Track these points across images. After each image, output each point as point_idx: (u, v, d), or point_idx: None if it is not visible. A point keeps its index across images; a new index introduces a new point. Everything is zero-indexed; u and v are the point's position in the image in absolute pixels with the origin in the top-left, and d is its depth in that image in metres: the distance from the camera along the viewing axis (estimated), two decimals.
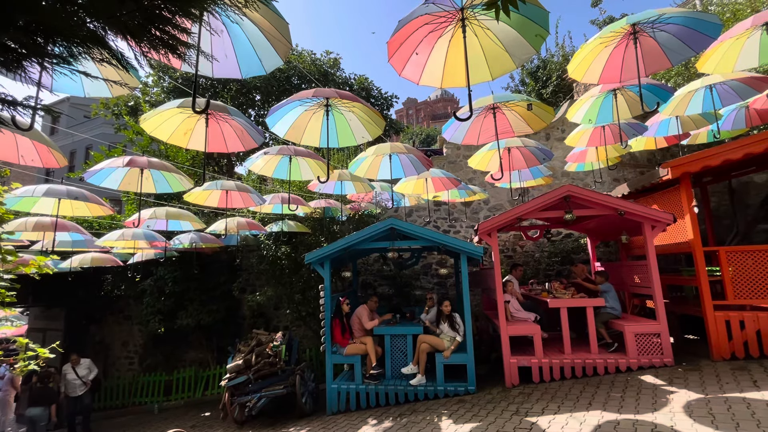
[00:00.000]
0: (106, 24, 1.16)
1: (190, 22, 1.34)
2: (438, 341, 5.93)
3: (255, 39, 3.15)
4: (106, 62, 1.22)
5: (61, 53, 1.25)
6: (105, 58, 1.22)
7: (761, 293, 5.37)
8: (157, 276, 10.39)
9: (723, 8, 9.63)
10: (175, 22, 1.20)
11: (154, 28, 1.19)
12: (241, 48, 3.20)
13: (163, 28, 1.21)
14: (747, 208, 8.45)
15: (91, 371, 8.45)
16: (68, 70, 1.25)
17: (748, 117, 6.10)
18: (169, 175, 5.64)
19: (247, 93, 15.70)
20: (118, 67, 1.28)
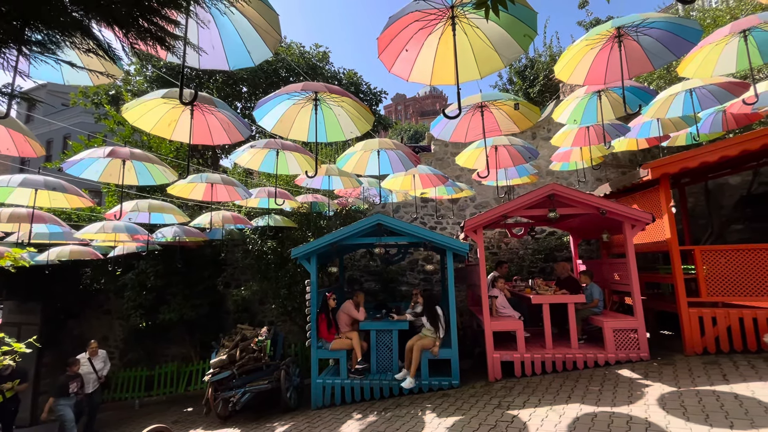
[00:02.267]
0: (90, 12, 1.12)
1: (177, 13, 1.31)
2: (428, 342, 5.96)
3: (244, 30, 3.10)
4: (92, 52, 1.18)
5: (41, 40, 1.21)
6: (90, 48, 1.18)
7: (732, 291, 5.59)
8: (139, 270, 10.18)
9: (704, 14, 9.90)
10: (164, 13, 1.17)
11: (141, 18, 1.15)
12: (229, 39, 3.14)
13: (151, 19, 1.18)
14: (721, 208, 8.76)
15: (106, 365, 7.65)
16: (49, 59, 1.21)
17: (725, 121, 6.31)
18: (152, 166, 5.52)
19: (233, 85, 15.43)
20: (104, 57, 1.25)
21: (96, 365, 7.35)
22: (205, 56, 3.19)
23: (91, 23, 1.16)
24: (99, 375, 7.34)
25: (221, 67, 3.31)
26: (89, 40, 1.17)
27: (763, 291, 5.45)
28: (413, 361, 5.88)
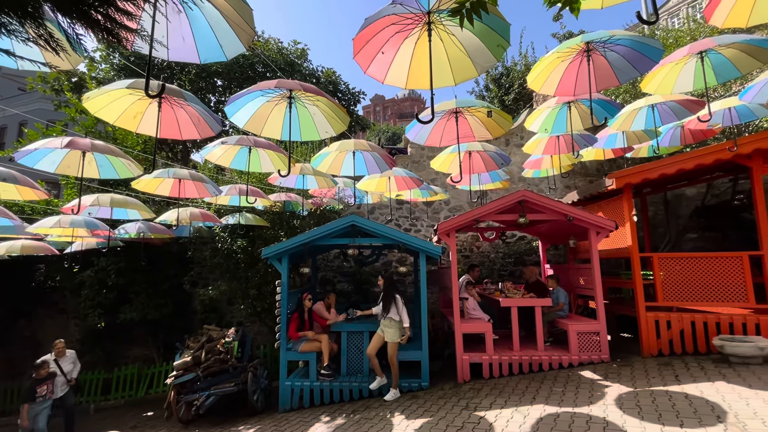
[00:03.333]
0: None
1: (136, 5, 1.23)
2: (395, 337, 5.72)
3: (216, 23, 3.00)
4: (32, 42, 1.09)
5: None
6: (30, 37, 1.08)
7: (686, 296, 5.92)
8: (99, 267, 9.67)
9: (667, 34, 10.47)
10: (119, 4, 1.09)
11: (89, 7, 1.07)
12: (200, 32, 3.03)
13: (98, 8, 1.09)
14: (679, 218, 9.28)
15: (76, 366, 6.90)
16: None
17: (683, 135, 6.69)
18: (116, 159, 5.26)
19: (207, 78, 14.96)
20: (45, 48, 1.15)
21: (64, 367, 6.66)
22: (175, 47, 3.07)
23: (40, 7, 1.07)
24: (68, 377, 6.65)
25: (192, 60, 3.19)
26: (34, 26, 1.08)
27: (713, 296, 5.80)
28: (395, 372, 5.64)
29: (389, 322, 5.67)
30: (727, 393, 4.21)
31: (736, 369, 4.86)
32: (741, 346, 5.02)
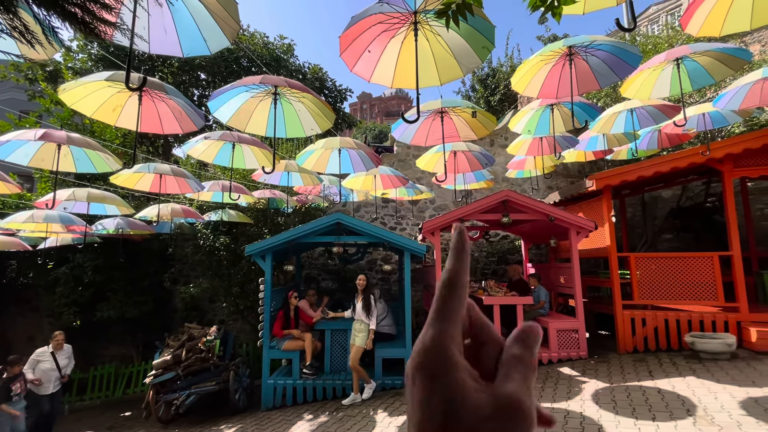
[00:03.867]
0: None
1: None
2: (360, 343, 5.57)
3: (199, 17, 2.95)
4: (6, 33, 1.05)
5: None
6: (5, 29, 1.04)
7: (661, 295, 6.13)
8: (75, 263, 9.37)
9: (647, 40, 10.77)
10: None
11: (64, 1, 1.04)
12: (183, 24, 2.97)
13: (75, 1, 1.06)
14: (655, 219, 9.59)
15: (71, 362, 6.41)
16: None
17: (660, 139, 6.91)
18: (93, 153, 5.11)
19: (190, 71, 14.63)
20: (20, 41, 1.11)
21: (60, 361, 6.14)
22: (156, 40, 3.00)
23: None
24: (63, 373, 6.16)
25: (174, 53, 3.12)
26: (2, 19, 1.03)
27: (685, 295, 6.03)
28: (355, 378, 5.56)
29: (362, 326, 5.59)
30: (696, 387, 4.39)
31: (705, 365, 5.07)
32: (710, 342, 5.23)
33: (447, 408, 0.25)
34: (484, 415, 0.25)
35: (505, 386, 0.27)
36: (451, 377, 0.26)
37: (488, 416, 0.25)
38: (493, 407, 0.25)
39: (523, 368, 0.28)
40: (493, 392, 0.26)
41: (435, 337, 0.27)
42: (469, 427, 0.25)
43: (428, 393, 0.26)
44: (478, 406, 0.25)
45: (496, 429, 0.25)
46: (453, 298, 0.29)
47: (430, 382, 0.26)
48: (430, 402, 0.25)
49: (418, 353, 0.27)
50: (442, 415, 0.25)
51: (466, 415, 0.25)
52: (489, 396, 0.26)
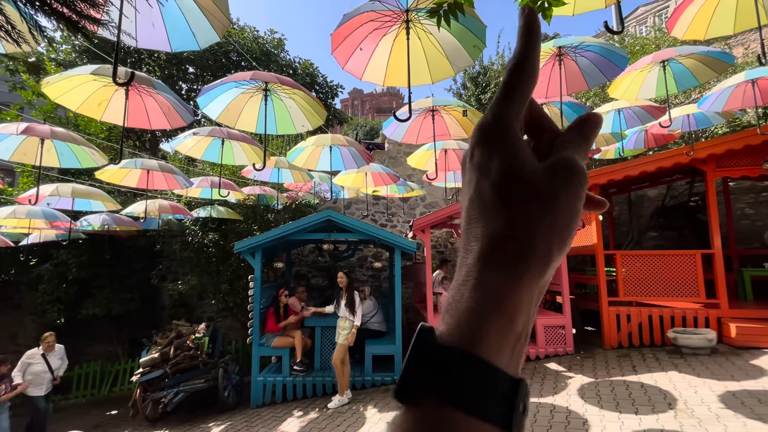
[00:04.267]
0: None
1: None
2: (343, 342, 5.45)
3: (188, 10, 2.90)
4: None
5: None
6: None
7: (645, 291, 6.27)
8: (59, 260, 9.19)
9: (635, 41, 10.94)
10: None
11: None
12: (171, 19, 2.92)
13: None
14: (641, 217, 9.78)
15: (64, 362, 6.19)
16: None
17: (646, 139, 7.04)
18: (78, 148, 5.00)
19: (178, 65, 14.39)
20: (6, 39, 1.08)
21: (52, 363, 5.89)
22: (144, 34, 2.94)
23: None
24: (55, 374, 5.93)
25: (162, 48, 3.07)
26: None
27: (669, 292, 6.17)
28: (339, 377, 5.42)
29: (347, 323, 5.49)
30: (678, 381, 4.51)
31: (687, 359, 5.21)
32: (692, 338, 5.38)
33: (506, 169, 0.26)
34: (542, 174, 0.26)
35: (560, 153, 0.28)
36: (511, 144, 0.27)
37: (545, 174, 0.26)
38: (550, 169, 0.27)
39: (576, 146, 0.29)
40: (549, 161, 0.27)
41: (497, 114, 0.28)
42: (526, 184, 0.26)
43: (488, 157, 0.27)
44: (535, 170, 0.26)
45: (553, 184, 0.26)
46: (521, 81, 0.28)
47: (489, 148, 0.27)
48: (489, 165, 0.27)
49: (478, 129, 0.28)
50: (501, 175, 0.26)
51: (524, 175, 0.26)
52: (545, 164, 0.27)
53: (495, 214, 0.26)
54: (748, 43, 10.86)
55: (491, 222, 0.26)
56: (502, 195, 0.26)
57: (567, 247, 0.26)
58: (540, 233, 0.25)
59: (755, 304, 6.41)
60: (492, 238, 0.25)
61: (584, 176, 0.27)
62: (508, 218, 0.25)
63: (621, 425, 3.67)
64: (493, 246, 0.25)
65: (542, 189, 0.26)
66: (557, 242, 0.26)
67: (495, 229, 0.26)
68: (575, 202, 0.27)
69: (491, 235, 0.25)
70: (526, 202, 0.26)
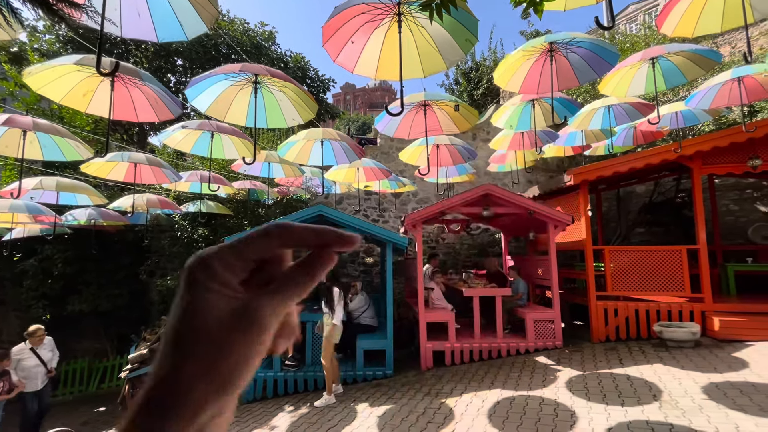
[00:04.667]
0: None
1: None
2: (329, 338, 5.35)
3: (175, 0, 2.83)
4: None
5: None
6: None
7: (632, 286, 6.38)
8: (44, 255, 9.01)
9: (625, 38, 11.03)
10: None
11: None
12: (157, 8, 2.85)
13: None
14: (629, 213, 9.92)
15: (55, 354, 6.06)
16: None
17: (635, 136, 7.12)
18: (62, 140, 4.88)
19: (166, 56, 14.12)
20: None
21: (43, 356, 5.78)
22: (129, 23, 2.87)
23: None
24: (48, 367, 5.83)
25: (148, 38, 3.00)
26: None
27: (655, 286, 6.29)
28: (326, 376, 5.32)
29: (329, 320, 5.40)
30: (663, 374, 4.61)
31: (672, 352, 5.33)
32: (676, 331, 5.49)
33: (189, 308, 0.27)
34: (221, 317, 0.27)
35: (257, 296, 0.29)
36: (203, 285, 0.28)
37: (224, 319, 0.27)
38: (231, 312, 0.28)
39: (285, 285, 0.30)
40: (243, 299, 0.28)
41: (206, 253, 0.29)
42: (205, 327, 0.27)
43: (180, 295, 0.28)
44: (219, 310, 0.27)
45: (225, 331, 0.27)
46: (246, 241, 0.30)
47: (186, 287, 0.28)
48: (179, 302, 0.28)
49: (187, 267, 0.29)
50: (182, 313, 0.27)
51: (204, 317, 0.27)
52: (237, 303, 0.28)
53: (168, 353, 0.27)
54: (735, 42, 11.02)
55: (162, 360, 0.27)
56: (178, 335, 0.27)
57: (235, 388, 0.28)
58: (198, 382, 0.26)
59: (738, 298, 6.57)
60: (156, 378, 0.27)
61: (261, 329, 0.28)
62: (175, 362, 0.27)
63: (608, 417, 3.73)
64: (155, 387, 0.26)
65: (215, 335, 0.27)
66: (217, 389, 0.27)
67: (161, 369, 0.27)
68: (247, 349, 0.27)
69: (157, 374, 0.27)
70: (195, 346, 0.27)
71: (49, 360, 5.92)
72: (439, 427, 3.98)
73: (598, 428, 3.56)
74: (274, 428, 4.73)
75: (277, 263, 0.31)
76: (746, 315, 5.71)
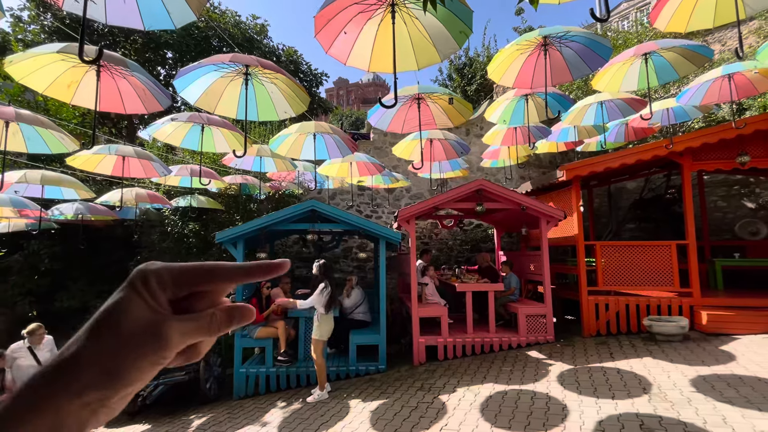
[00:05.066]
0: None
1: None
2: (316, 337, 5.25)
3: None
4: None
5: None
6: None
7: (623, 281, 6.44)
8: (29, 251, 8.83)
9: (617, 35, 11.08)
10: None
11: None
12: None
13: None
14: (619, 209, 10.02)
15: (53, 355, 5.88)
16: None
17: (627, 133, 7.17)
18: (46, 132, 4.75)
19: (156, 49, 13.85)
20: None
21: (41, 356, 5.43)
22: (114, 9, 2.78)
23: None
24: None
25: (134, 25, 2.91)
26: None
27: (645, 281, 6.36)
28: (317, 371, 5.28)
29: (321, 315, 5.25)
30: (652, 367, 4.66)
31: (661, 346, 5.40)
32: (666, 325, 5.56)
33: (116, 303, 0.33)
34: (137, 320, 0.32)
35: (173, 319, 0.33)
36: (136, 290, 0.33)
37: (139, 323, 0.32)
38: (147, 321, 0.32)
39: (205, 324, 0.35)
40: (161, 316, 0.32)
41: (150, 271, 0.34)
42: (120, 321, 0.32)
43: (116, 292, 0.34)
44: (138, 315, 0.32)
45: (134, 333, 0.31)
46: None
47: (124, 286, 0.34)
48: (112, 296, 0.34)
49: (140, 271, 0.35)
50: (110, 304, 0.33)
51: (125, 314, 0.32)
52: (156, 316, 0.32)
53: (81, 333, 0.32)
54: (725, 41, 11.14)
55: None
56: (96, 320, 0.32)
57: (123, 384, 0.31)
58: (93, 364, 0.31)
59: (725, 292, 6.68)
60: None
61: (166, 345, 0.32)
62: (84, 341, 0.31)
63: (598, 410, 3.77)
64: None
65: (125, 332, 0.31)
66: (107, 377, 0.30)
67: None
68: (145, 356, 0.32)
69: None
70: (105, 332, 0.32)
71: (46, 361, 5.64)
72: (431, 422, 3.98)
73: (588, 421, 3.59)
74: (266, 424, 4.70)
75: (208, 297, 0.37)
76: (733, 309, 5.81)
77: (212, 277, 0.36)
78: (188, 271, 0.34)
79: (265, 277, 0.37)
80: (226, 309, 0.37)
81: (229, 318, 0.36)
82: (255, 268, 0.37)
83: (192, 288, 0.35)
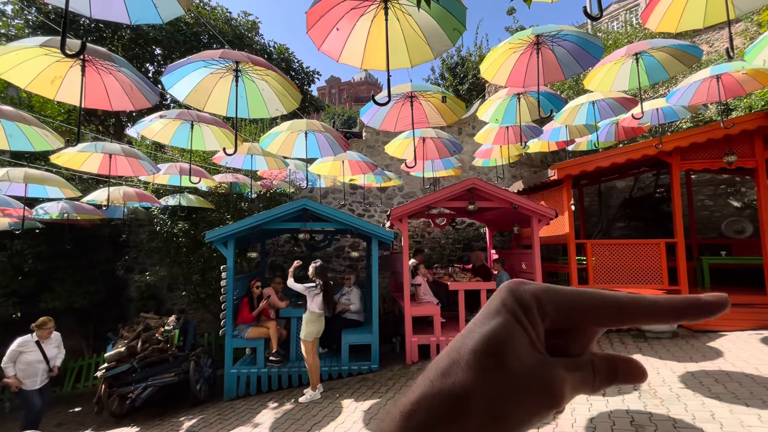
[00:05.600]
0: None
1: None
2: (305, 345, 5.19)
3: None
4: None
5: None
6: None
7: (613, 279, 6.51)
8: (13, 251, 8.60)
9: (607, 36, 11.19)
10: None
11: None
12: None
13: None
14: (609, 208, 10.13)
15: (60, 351, 5.53)
16: None
17: (617, 132, 7.23)
18: (29, 129, 4.62)
19: (144, 45, 13.59)
20: None
21: (48, 352, 5.26)
22: (100, 3, 2.70)
23: None
24: (51, 365, 5.29)
25: (120, 19, 2.83)
26: None
27: (635, 279, 6.43)
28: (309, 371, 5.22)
29: (309, 315, 5.16)
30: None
31: (650, 343, 5.46)
32: None
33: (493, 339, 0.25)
34: (520, 356, 0.25)
35: (557, 366, 0.25)
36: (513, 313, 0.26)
37: (522, 361, 0.24)
38: (529, 369, 0.24)
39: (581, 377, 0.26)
40: (545, 361, 0.25)
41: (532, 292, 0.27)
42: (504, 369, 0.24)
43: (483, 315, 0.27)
44: (520, 350, 0.25)
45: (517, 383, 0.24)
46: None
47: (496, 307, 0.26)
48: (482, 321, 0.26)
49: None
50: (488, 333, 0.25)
51: (509, 360, 0.24)
52: (536, 356, 0.25)
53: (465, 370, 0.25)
54: (713, 42, 11.31)
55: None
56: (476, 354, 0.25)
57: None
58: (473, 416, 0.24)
59: (712, 290, 6.77)
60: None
61: (550, 403, 0.24)
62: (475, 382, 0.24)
63: (590, 407, 3.79)
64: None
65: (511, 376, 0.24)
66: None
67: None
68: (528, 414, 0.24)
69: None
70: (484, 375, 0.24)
71: (54, 357, 5.38)
72: None
73: (580, 418, 3.61)
74: (257, 425, 4.64)
75: (583, 335, 0.28)
76: None
77: (617, 314, 0.26)
78: (578, 300, 0.25)
79: (699, 318, 0.26)
80: (607, 360, 0.27)
81: (613, 373, 0.27)
82: (689, 308, 0.26)
83: (577, 322, 0.26)
